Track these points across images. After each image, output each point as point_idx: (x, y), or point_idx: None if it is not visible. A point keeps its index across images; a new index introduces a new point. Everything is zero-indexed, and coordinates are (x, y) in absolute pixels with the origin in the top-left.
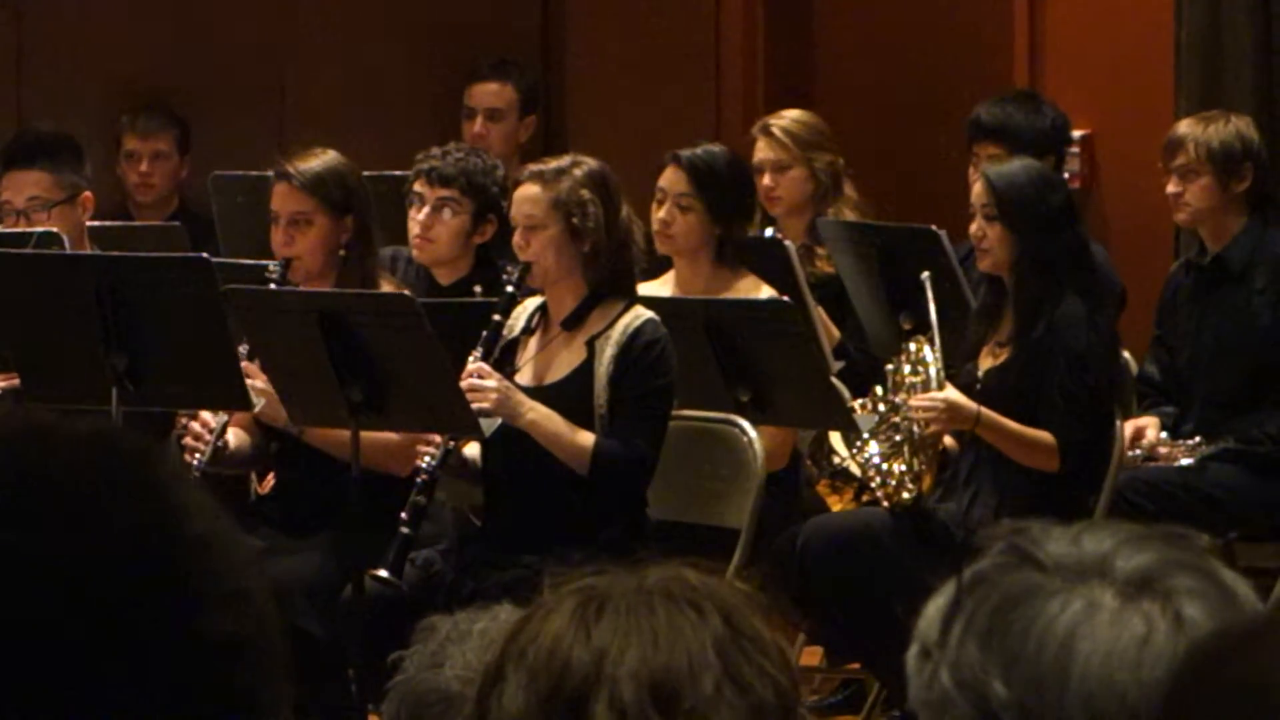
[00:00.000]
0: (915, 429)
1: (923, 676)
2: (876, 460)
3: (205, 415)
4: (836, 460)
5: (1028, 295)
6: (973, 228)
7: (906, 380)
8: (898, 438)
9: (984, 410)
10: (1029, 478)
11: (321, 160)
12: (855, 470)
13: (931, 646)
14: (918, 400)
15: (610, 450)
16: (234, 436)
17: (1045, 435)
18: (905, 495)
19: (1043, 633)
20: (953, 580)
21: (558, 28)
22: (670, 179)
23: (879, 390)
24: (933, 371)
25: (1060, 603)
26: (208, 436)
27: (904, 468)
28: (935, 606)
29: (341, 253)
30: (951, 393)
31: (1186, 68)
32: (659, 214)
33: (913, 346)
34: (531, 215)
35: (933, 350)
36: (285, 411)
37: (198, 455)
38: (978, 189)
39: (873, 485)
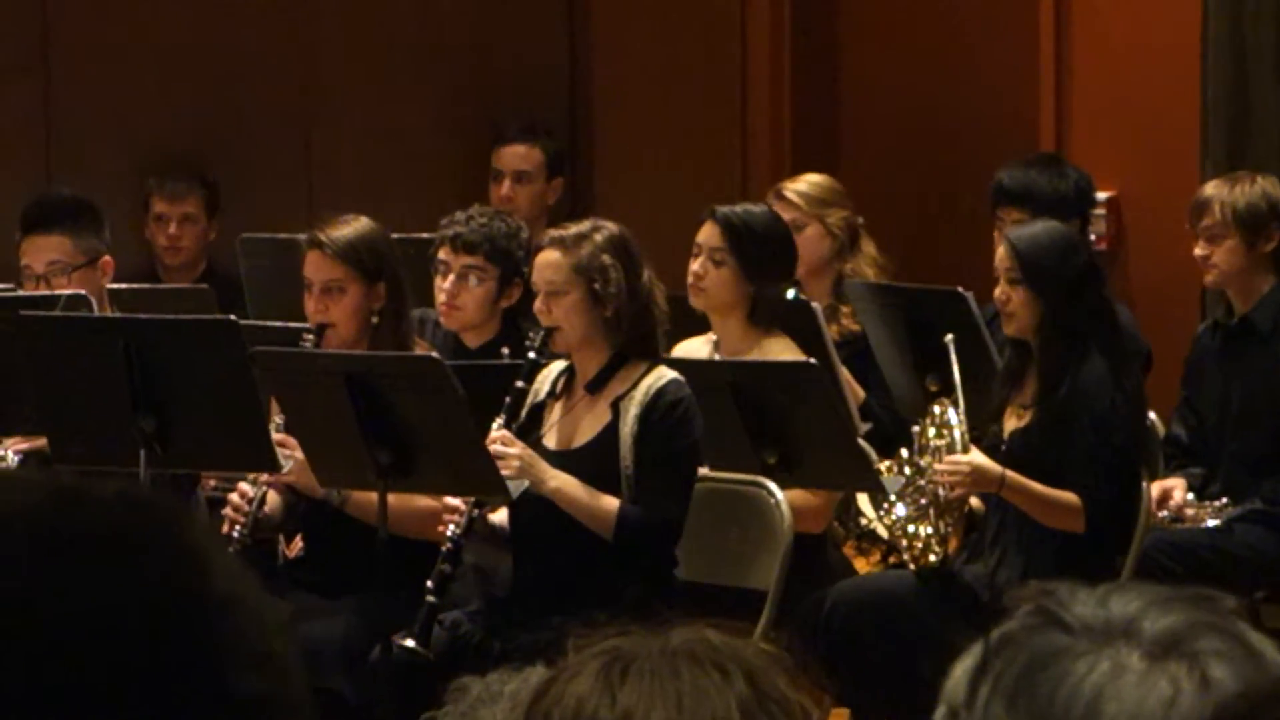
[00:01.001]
0: (940, 492)
1: None
2: (904, 522)
3: (244, 486)
4: (864, 522)
5: (1052, 358)
6: (997, 292)
7: (931, 443)
8: (923, 500)
9: (1009, 473)
10: (1055, 540)
11: (353, 228)
12: (882, 532)
13: (959, 708)
14: (942, 464)
15: (635, 517)
16: (269, 500)
17: (1070, 496)
18: (932, 558)
19: (1070, 694)
20: (980, 642)
21: (585, 91)
22: (706, 234)
23: (905, 453)
24: (957, 434)
25: (1087, 664)
26: (247, 508)
27: (930, 530)
28: (962, 668)
29: (375, 319)
30: (976, 456)
31: (1212, 128)
32: (693, 266)
33: (937, 409)
34: (553, 281)
35: (957, 413)
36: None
37: (238, 527)
38: (1001, 253)
39: (900, 547)
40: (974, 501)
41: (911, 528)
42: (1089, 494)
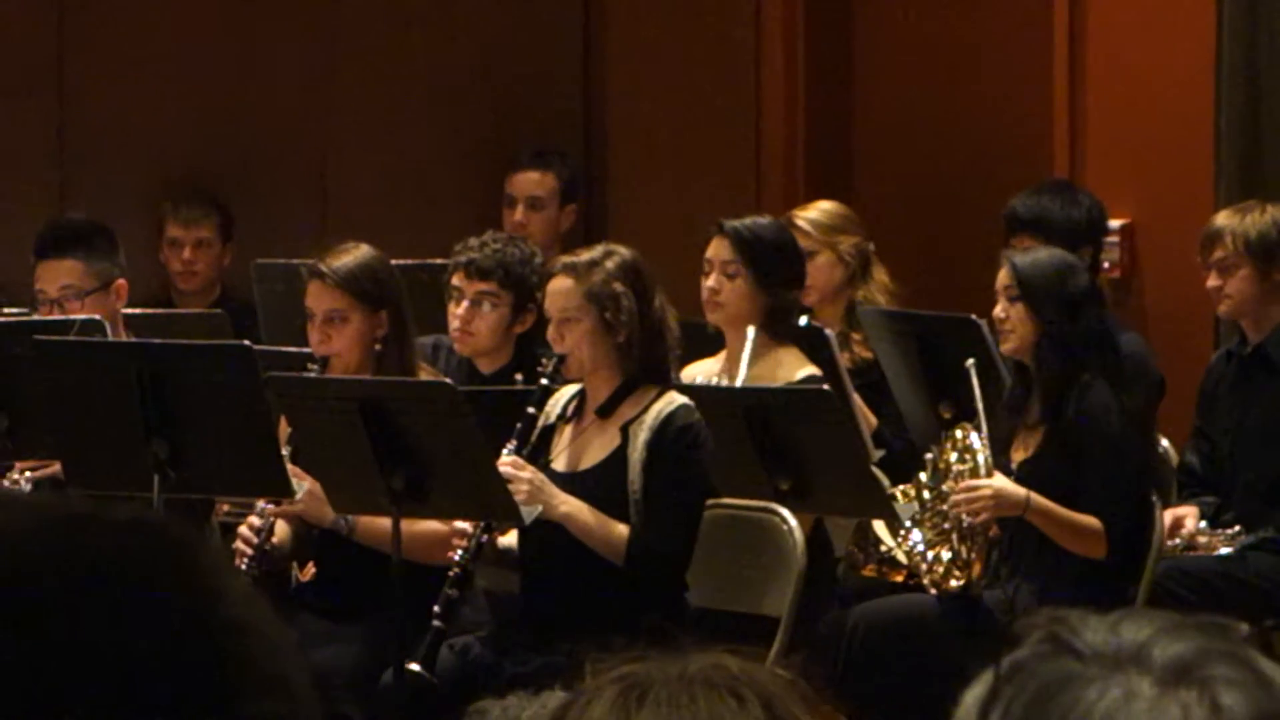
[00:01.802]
0: (964, 517)
1: None
2: (921, 548)
3: (253, 519)
4: (884, 549)
5: (1049, 375)
6: (996, 310)
7: (954, 468)
8: (945, 525)
9: (1034, 495)
10: (1071, 565)
11: (354, 256)
12: (901, 558)
13: None
14: (964, 491)
15: (644, 543)
16: (277, 530)
17: (1093, 520)
18: (954, 583)
19: None
20: (990, 669)
21: (599, 116)
22: (716, 249)
23: (922, 477)
24: (981, 459)
25: (1098, 690)
26: (255, 540)
27: (950, 555)
28: (972, 696)
29: (378, 347)
30: (999, 480)
31: (1226, 156)
32: (707, 283)
33: (959, 433)
34: (565, 309)
35: (980, 436)
36: (331, 510)
37: (246, 559)
38: (1002, 274)
39: (920, 572)
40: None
41: (931, 554)
42: (1109, 518)
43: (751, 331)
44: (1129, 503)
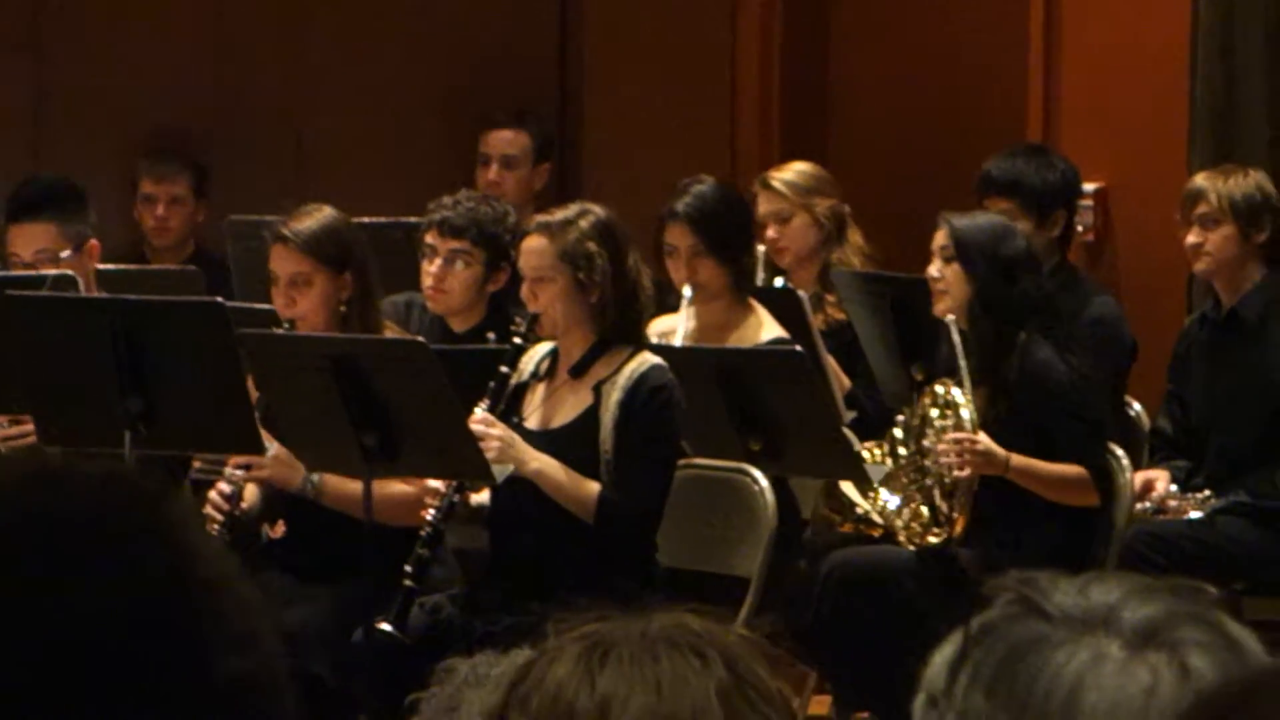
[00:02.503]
0: (947, 471)
1: None
2: (892, 508)
3: (222, 486)
4: (859, 510)
5: (981, 335)
6: (930, 269)
7: (935, 422)
8: (927, 481)
9: (1014, 455)
10: (1040, 524)
11: (316, 219)
12: (877, 519)
13: (938, 695)
14: (952, 443)
15: (615, 501)
16: (246, 493)
17: (1077, 469)
18: (932, 539)
19: (1049, 683)
20: (960, 629)
21: (574, 77)
22: (678, 235)
23: (897, 433)
24: (965, 414)
25: (1067, 653)
26: (225, 506)
27: (930, 510)
28: (942, 657)
29: (342, 309)
30: (984, 436)
31: (1200, 122)
32: (677, 272)
33: (939, 389)
34: (539, 268)
35: (963, 391)
36: (298, 474)
37: (217, 526)
38: (939, 234)
39: (896, 529)
40: None
41: (908, 510)
42: (1091, 461)
43: (688, 291)
44: (1102, 441)
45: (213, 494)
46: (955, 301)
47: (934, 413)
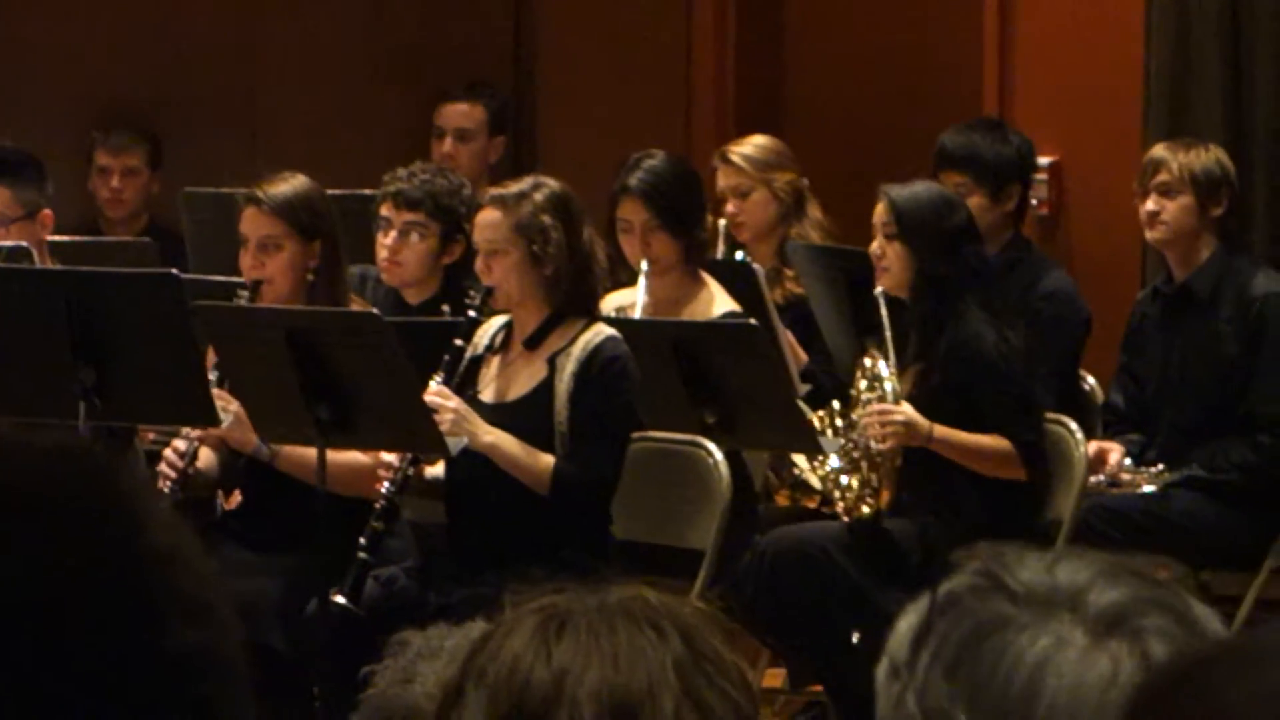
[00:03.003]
0: (872, 444)
1: (890, 695)
2: (836, 473)
3: (177, 443)
4: (797, 472)
5: (924, 313)
6: (872, 246)
7: (863, 395)
8: (855, 454)
9: (937, 426)
10: (971, 497)
11: (290, 185)
12: (815, 483)
13: (900, 666)
14: (876, 415)
15: (570, 473)
16: (202, 457)
17: (1002, 441)
18: (864, 509)
19: (1010, 667)
20: (925, 597)
21: (529, 49)
22: (631, 210)
23: (836, 405)
24: (888, 387)
25: (1029, 637)
26: (180, 463)
27: (860, 482)
28: (906, 623)
29: (310, 277)
30: (908, 408)
31: (1155, 96)
32: (631, 247)
33: (867, 361)
34: (493, 241)
35: (888, 364)
36: (255, 436)
37: (169, 482)
38: (879, 209)
39: (833, 498)
40: None
41: (845, 479)
42: (1014, 434)
43: (645, 265)
44: (1030, 419)
45: (168, 451)
46: (897, 278)
47: (862, 384)
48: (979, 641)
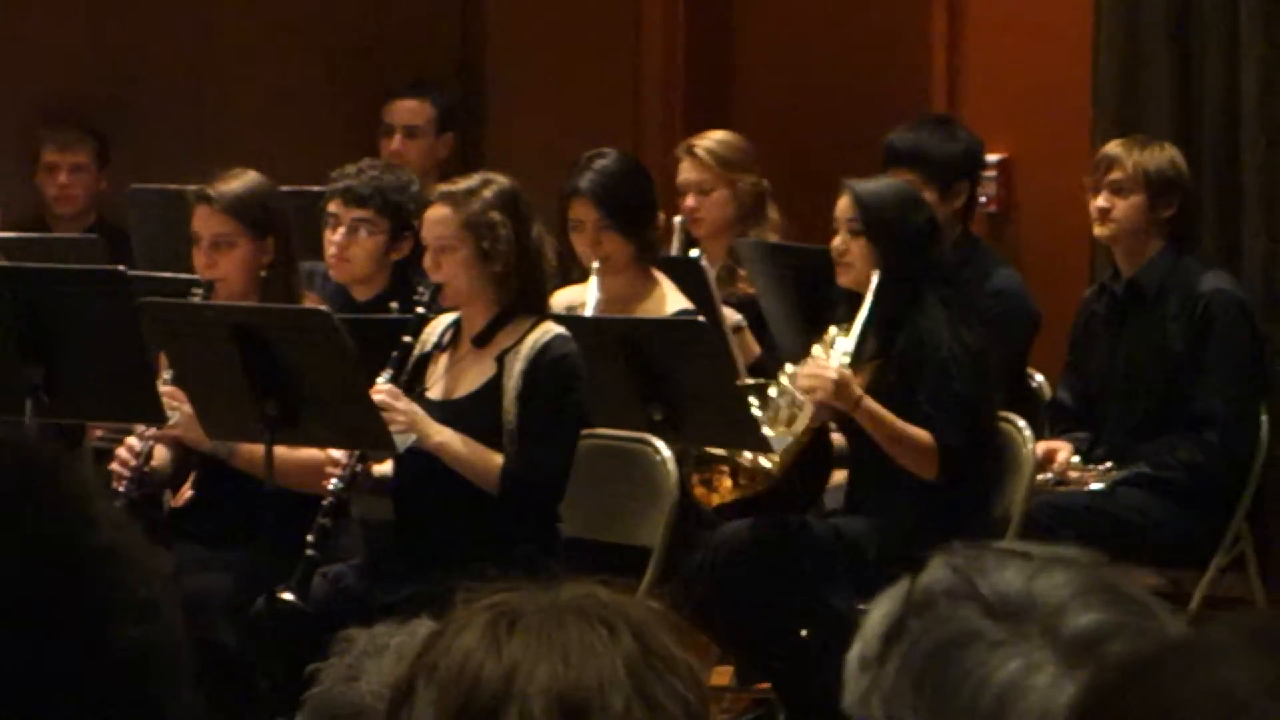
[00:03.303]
0: (798, 395)
1: (859, 687)
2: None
3: (131, 441)
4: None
5: (889, 311)
6: (835, 241)
7: (813, 355)
8: (783, 408)
9: (867, 398)
10: (915, 501)
11: (242, 182)
12: (719, 450)
13: (870, 660)
14: (810, 366)
15: (518, 471)
16: (156, 455)
17: (925, 435)
18: (764, 462)
19: (977, 687)
20: (903, 586)
21: (477, 47)
22: (583, 210)
23: (772, 393)
24: (837, 349)
25: (1000, 658)
26: (134, 462)
27: (773, 434)
28: (881, 612)
29: (263, 273)
30: (846, 373)
31: (1104, 94)
32: (583, 246)
33: (833, 330)
34: (442, 237)
35: (847, 340)
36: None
37: (125, 481)
38: (843, 203)
39: (737, 463)
40: (836, 438)
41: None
42: (939, 434)
43: (596, 263)
44: (962, 424)
45: (121, 450)
46: (860, 274)
47: (816, 349)
48: (948, 656)
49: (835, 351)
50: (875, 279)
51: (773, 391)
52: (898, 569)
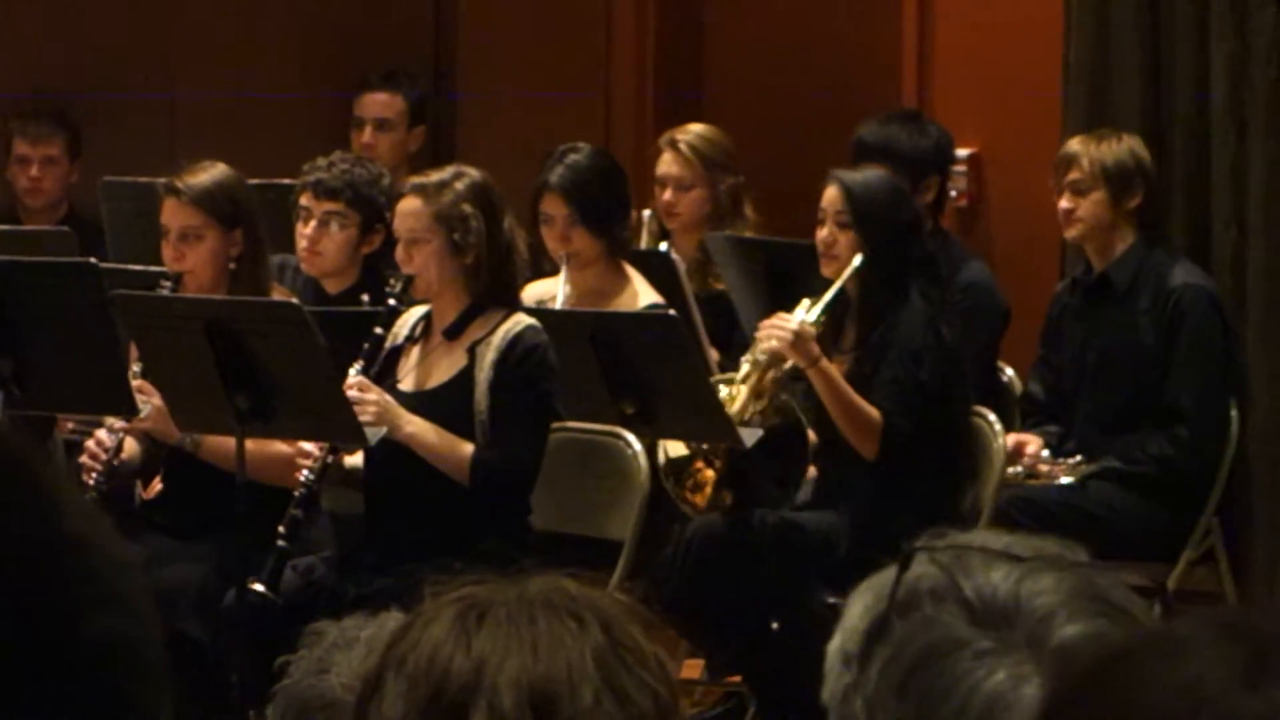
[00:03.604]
0: (759, 347)
1: (840, 684)
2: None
3: (101, 434)
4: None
5: (872, 305)
6: (822, 233)
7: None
8: (745, 366)
9: (826, 361)
10: (893, 490)
11: (210, 174)
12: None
13: (852, 658)
14: (771, 319)
15: (489, 462)
16: (126, 447)
17: (874, 412)
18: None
19: (962, 699)
20: (883, 579)
21: (449, 40)
22: (553, 204)
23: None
24: (800, 311)
25: (985, 669)
26: (104, 455)
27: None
28: (863, 605)
29: (232, 266)
30: (807, 327)
31: (1074, 87)
32: (552, 240)
33: (806, 301)
34: (413, 230)
35: (815, 309)
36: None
37: (95, 475)
38: (831, 194)
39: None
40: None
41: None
42: (887, 414)
43: (565, 256)
44: (913, 409)
45: (91, 443)
46: (846, 266)
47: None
48: (931, 665)
49: (799, 310)
50: (856, 261)
51: (740, 374)
52: (870, 562)
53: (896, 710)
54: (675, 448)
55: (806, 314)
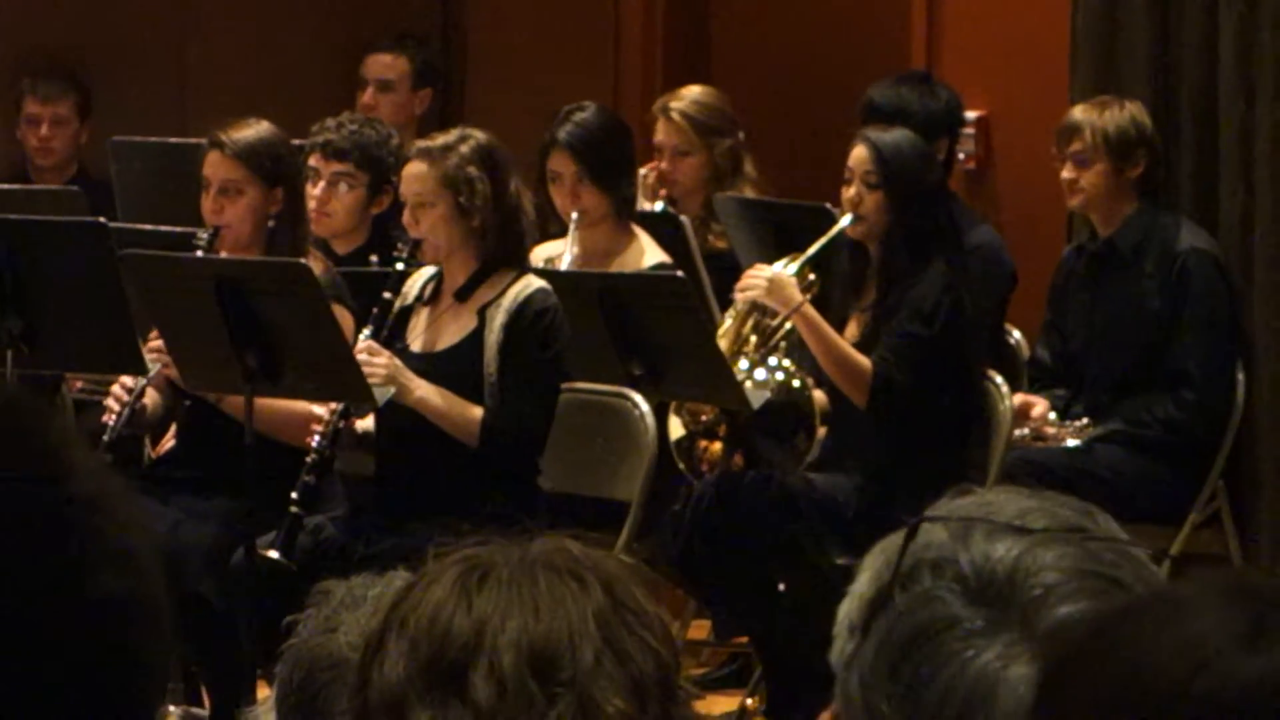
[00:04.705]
0: (740, 305)
1: (844, 652)
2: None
3: (125, 379)
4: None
5: (894, 265)
6: (850, 192)
7: None
8: (727, 319)
9: (810, 307)
10: (902, 452)
11: (255, 130)
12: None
13: (856, 630)
14: (747, 272)
15: (499, 425)
16: (148, 397)
17: (865, 361)
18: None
19: (951, 679)
20: (894, 543)
21: (458, 3)
22: (560, 162)
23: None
24: (778, 265)
25: (976, 649)
26: (126, 398)
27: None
28: (871, 574)
29: (270, 224)
30: (782, 274)
31: (1082, 52)
32: (561, 199)
33: (788, 258)
34: (420, 193)
35: (795, 265)
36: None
37: (114, 417)
38: (860, 154)
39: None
40: (818, 395)
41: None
42: (881, 366)
43: (574, 216)
44: (912, 363)
45: (115, 387)
46: (873, 229)
47: None
48: (926, 641)
49: (778, 264)
50: (844, 221)
51: (759, 393)
52: (880, 522)
53: (887, 691)
54: (673, 429)
55: (784, 267)
